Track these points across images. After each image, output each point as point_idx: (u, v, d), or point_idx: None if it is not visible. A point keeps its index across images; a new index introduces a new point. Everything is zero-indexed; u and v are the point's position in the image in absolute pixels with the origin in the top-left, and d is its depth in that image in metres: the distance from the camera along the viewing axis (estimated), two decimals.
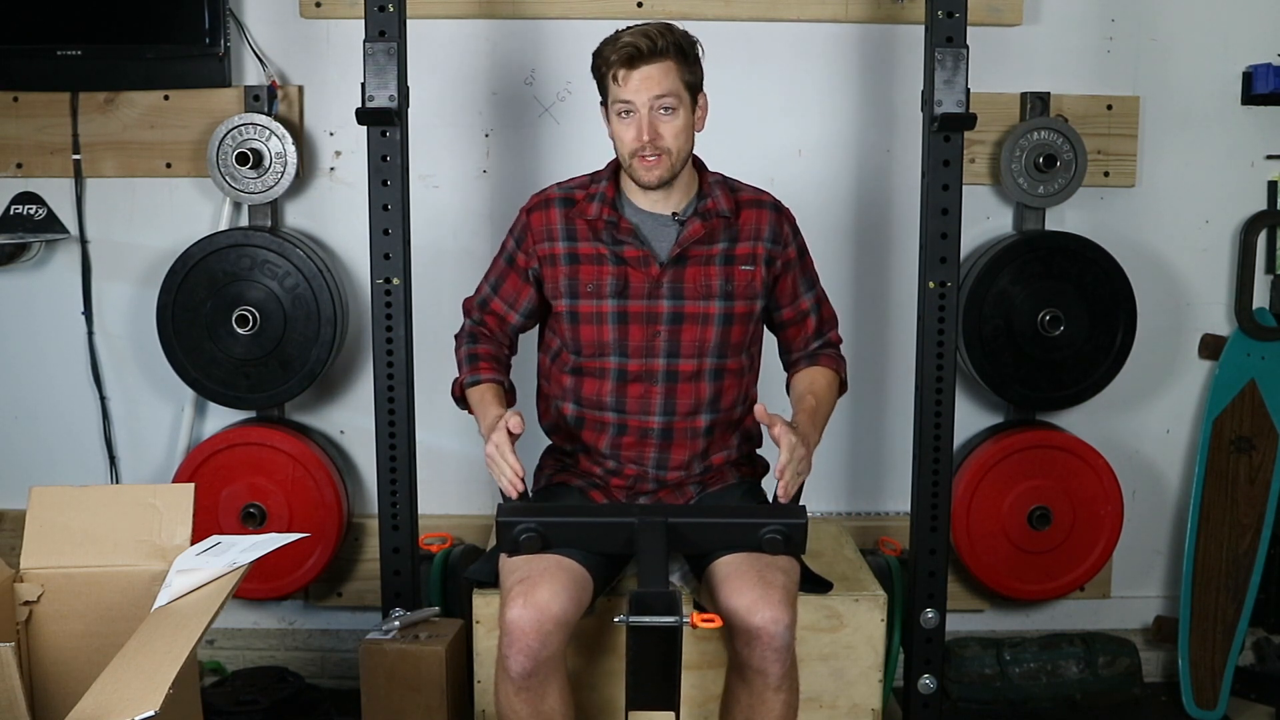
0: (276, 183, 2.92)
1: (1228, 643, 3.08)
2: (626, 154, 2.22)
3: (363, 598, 3.13)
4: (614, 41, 2.18)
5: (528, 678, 2.04)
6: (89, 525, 1.94)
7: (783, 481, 2.14)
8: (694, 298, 2.27)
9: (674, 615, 1.95)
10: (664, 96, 2.17)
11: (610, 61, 2.17)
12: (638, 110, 2.17)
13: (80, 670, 1.87)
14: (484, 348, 2.39)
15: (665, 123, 2.18)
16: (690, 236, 2.27)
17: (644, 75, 2.16)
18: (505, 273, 2.39)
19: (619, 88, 2.18)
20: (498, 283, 2.41)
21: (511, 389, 2.39)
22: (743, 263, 2.30)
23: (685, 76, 2.19)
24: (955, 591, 3.08)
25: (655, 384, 2.28)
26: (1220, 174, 3.08)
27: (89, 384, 3.10)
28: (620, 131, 2.22)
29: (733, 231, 2.30)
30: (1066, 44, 3.02)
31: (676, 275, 2.27)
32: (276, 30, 2.98)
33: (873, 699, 2.43)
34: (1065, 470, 3.03)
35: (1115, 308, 3.00)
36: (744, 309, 2.31)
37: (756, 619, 2.03)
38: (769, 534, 2.09)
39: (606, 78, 2.20)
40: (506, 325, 2.41)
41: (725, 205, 2.29)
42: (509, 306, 2.40)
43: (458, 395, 2.40)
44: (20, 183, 3.03)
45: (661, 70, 2.16)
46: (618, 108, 2.20)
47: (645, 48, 2.15)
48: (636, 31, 2.17)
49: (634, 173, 2.24)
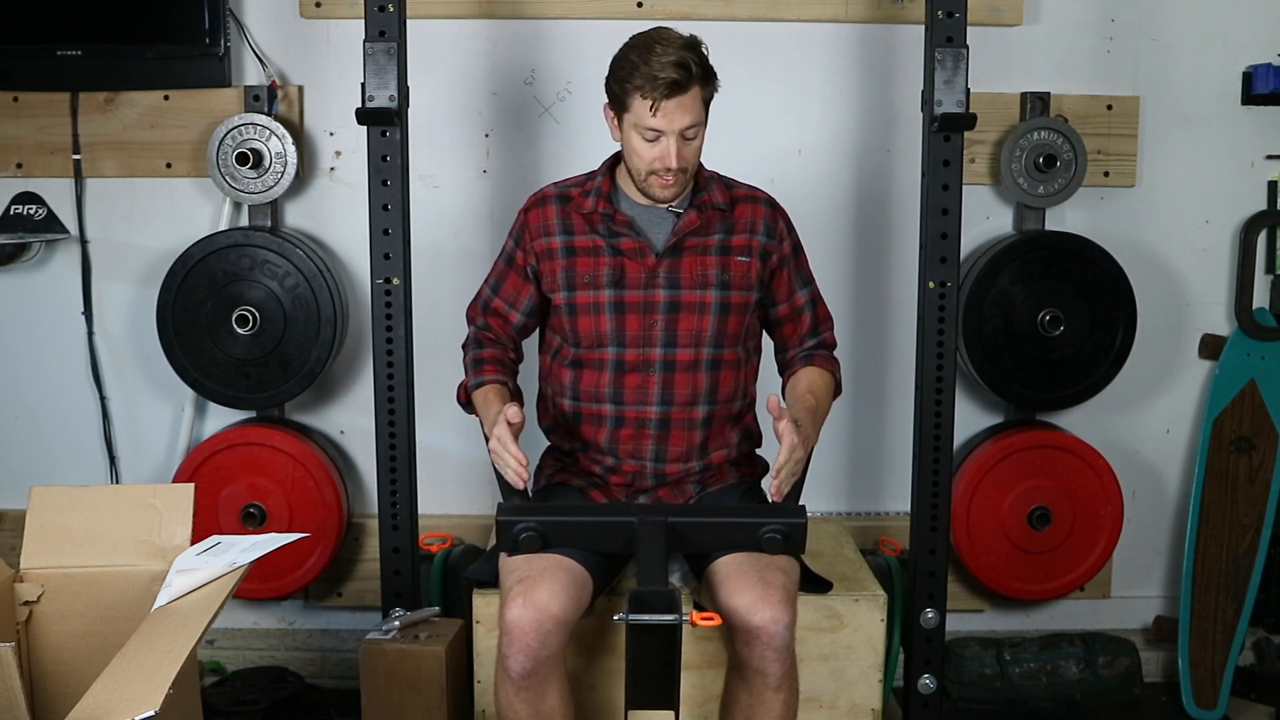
0: (276, 183, 2.92)
1: (1228, 643, 3.08)
2: (644, 170, 2.22)
3: (363, 598, 3.13)
4: (647, 63, 2.12)
5: (527, 677, 2.04)
6: (89, 525, 1.94)
7: (776, 480, 2.14)
8: (690, 287, 2.28)
9: (673, 613, 1.95)
10: (692, 126, 2.17)
11: (645, 90, 2.13)
12: (665, 137, 2.17)
13: (80, 670, 1.87)
14: (488, 352, 2.40)
15: (687, 146, 2.19)
16: (686, 226, 2.28)
17: (679, 105, 2.14)
18: (505, 273, 2.40)
19: (651, 116, 2.15)
20: (497, 284, 2.41)
21: (517, 391, 2.39)
22: (738, 254, 2.31)
23: (706, 97, 2.20)
24: (955, 591, 3.08)
25: (653, 373, 2.29)
26: (1220, 174, 3.08)
27: (89, 384, 3.10)
28: (640, 149, 2.20)
29: (728, 224, 2.32)
30: (1066, 44, 3.02)
31: (673, 265, 2.28)
32: (276, 30, 2.98)
33: (873, 699, 2.43)
34: (1065, 470, 3.03)
35: (1115, 308, 3.00)
36: (740, 299, 2.32)
37: (756, 618, 2.04)
38: (768, 534, 2.09)
39: (633, 95, 2.15)
40: (509, 326, 2.42)
41: (721, 198, 2.31)
42: (510, 306, 2.40)
43: (463, 400, 2.41)
44: (20, 183, 3.03)
45: (692, 98, 2.16)
46: (644, 131, 2.18)
47: (683, 80, 2.12)
48: (673, 61, 2.12)
49: (649, 188, 2.24)
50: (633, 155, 2.22)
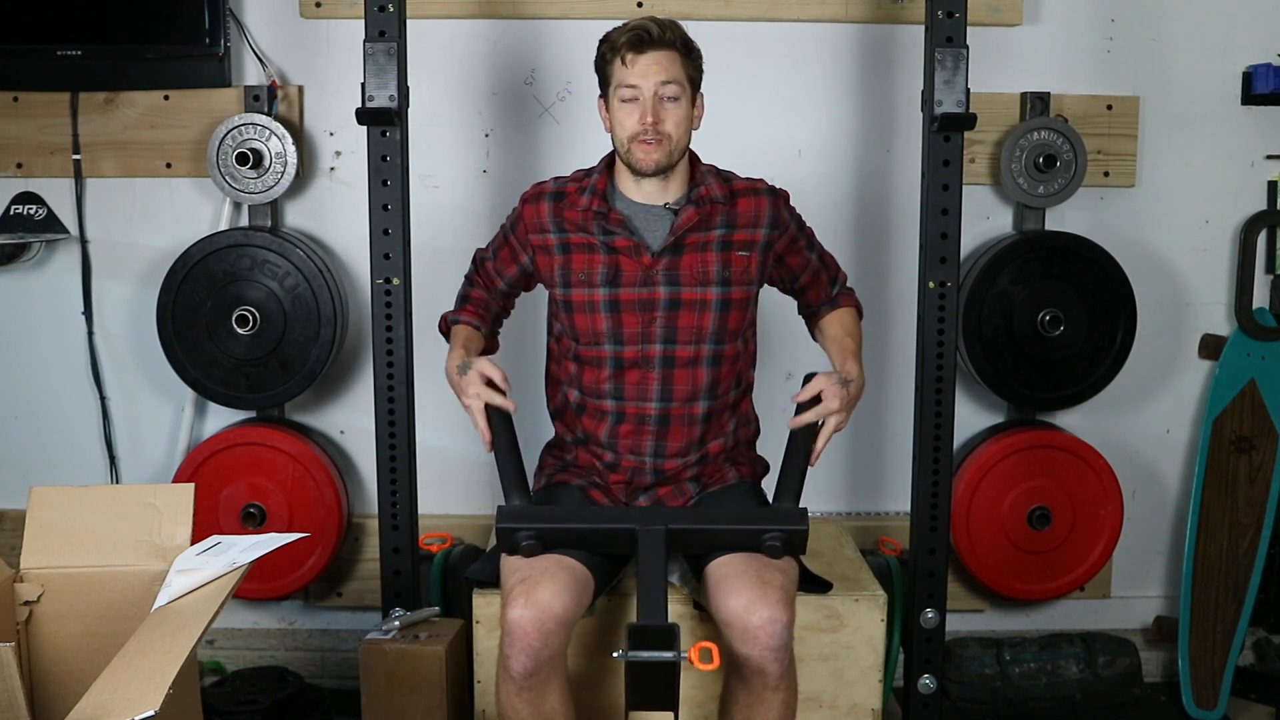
0: (276, 183, 2.92)
1: (1228, 643, 3.08)
2: (626, 138, 2.23)
3: (363, 598, 3.13)
4: (623, 28, 2.23)
5: (529, 677, 2.04)
6: (89, 525, 1.94)
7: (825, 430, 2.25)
8: (690, 284, 2.29)
9: (671, 651, 1.94)
10: (669, 84, 2.19)
11: (618, 45, 2.20)
12: (642, 95, 2.20)
13: (80, 670, 1.87)
14: (476, 292, 2.49)
15: (668, 110, 2.21)
16: (685, 223, 2.28)
17: (652, 59, 2.19)
18: (501, 244, 2.45)
19: (625, 70, 2.20)
20: (496, 250, 2.47)
21: (490, 337, 2.48)
22: (740, 249, 2.31)
23: (689, 70, 2.23)
24: (955, 591, 3.08)
25: (652, 370, 2.30)
26: (1220, 174, 3.08)
27: (89, 384, 3.10)
28: (622, 117, 2.23)
29: (730, 218, 2.32)
30: (1066, 44, 3.02)
31: (673, 263, 2.28)
32: (276, 30, 2.98)
33: (873, 699, 2.43)
34: (1065, 470, 3.03)
35: (1115, 308, 3.00)
36: (741, 295, 2.32)
37: (754, 618, 2.04)
38: (769, 541, 2.09)
39: (612, 63, 2.22)
40: (494, 288, 2.49)
41: (719, 192, 2.31)
42: (497, 274, 2.47)
43: (443, 330, 2.49)
44: (20, 183, 3.03)
45: (668, 58, 2.20)
46: (622, 92, 2.21)
47: (655, 33, 2.19)
48: (645, 19, 2.22)
49: (631, 157, 2.24)
50: (617, 127, 2.26)
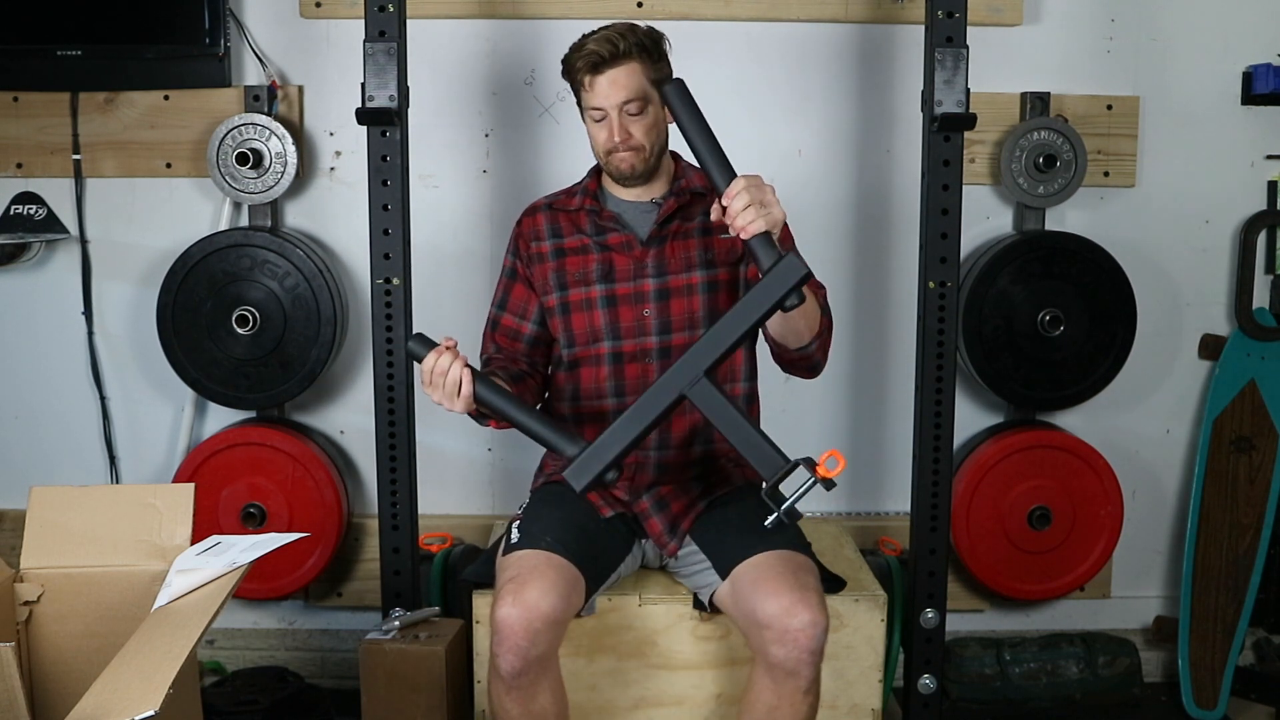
0: (276, 183, 2.92)
1: (1228, 643, 3.08)
2: (601, 153, 2.30)
3: (363, 598, 3.13)
4: (579, 49, 2.24)
5: (518, 676, 2.04)
6: (89, 525, 1.94)
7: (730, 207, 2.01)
8: (676, 271, 2.32)
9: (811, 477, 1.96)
10: (630, 101, 2.22)
11: (576, 69, 2.24)
12: (608, 114, 2.23)
13: (80, 670, 1.87)
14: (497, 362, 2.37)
15: (635, 123, 2.25)
16: (666, 212, 2.32)
17: (610, 80, 2.21)
18: (510, 286, 2.43)
19: (588, 94, 2.25)
20: (504, 299, 2.43)
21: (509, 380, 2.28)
22: (722, 230, 2.29)
23: (651, 75, 2.24)
24: (955, 591, 3.08)
25: (651, 361, 2.31)
26: (1220, 174, 3.08)
27: (89, 384, 3.10)
28: (594, 133, 2.30)
29: (711, 204, 2.32)
30: (1066, 44, 3.02)
31: (659, 254, 2.32)
32: (276, 30, 2.98)
33: (873, 699, 2.43)
34: (1065, 470, 3.03)
35: (1115, 307, 3.00)
36: (726, 275, 2.34)
37: (795, 621, 2.04)
38: (790, 302, 2.02)
39: (578, 85, 2.26)
40: (520, 340, 2.40)
41: (699, 183, 2.35)
42: (520, 318, 2.41)
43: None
44: (20, 183, 3.03)
45: (626, 73, 2.21)
46: (590, 113, 2.27)
47: (608, 53, 2.20)
48: (599, 37, 2.22)
49: (610, 168, 2.31)
50: (592, 141, 2.31)
